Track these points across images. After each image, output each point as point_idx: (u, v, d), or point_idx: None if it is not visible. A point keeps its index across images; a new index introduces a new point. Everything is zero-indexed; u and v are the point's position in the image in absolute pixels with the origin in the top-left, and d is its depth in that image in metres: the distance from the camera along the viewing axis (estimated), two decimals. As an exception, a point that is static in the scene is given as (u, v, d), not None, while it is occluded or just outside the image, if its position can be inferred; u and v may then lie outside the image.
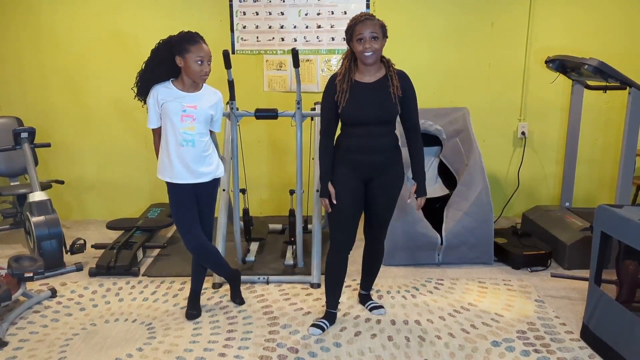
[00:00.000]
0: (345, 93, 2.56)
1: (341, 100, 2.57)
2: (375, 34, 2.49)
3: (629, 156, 3.46)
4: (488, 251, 3.70)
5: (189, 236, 2.81)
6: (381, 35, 2.52)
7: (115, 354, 2.64)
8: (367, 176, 2.68)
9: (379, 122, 2.58)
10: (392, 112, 2.58)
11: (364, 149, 2.61)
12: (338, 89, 2.58)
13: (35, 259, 3.19)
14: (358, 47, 2.51)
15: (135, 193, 4.76)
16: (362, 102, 2.57)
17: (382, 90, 2.58)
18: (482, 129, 4.61)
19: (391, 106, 2.57)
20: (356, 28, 2.50)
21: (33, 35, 4.44)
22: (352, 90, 2.57)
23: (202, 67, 2.62)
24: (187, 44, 2.59)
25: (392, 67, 2.62)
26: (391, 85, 2.58)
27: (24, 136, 3.85)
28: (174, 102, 2.66)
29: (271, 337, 2.79)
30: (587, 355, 2.62)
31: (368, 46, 2.48)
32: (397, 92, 2.58)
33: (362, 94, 2.57)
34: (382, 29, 2.54)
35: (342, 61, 2.65)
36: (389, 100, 2.57)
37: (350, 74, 2.59)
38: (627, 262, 2.65)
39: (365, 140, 2.60)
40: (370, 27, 2.48)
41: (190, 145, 2.70)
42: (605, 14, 4.40)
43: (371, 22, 2.50)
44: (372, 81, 2.60)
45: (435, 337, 2.79)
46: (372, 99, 2.57)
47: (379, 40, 2.51)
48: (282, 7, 4.41)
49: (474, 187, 3.69)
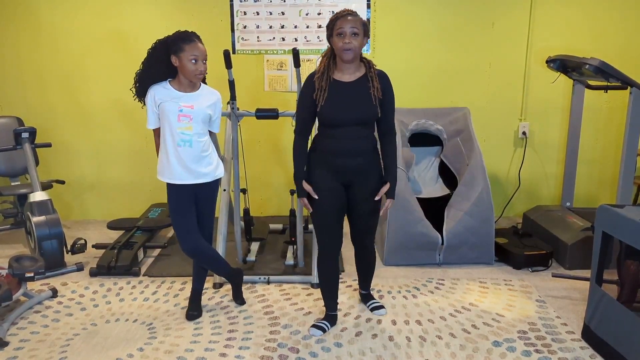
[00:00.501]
0: (324, 91, 2.50)
1: (320, 98, 2.50)
2: (356, 30, 2.42)
3: (630, 156, 3.45)
4: (489, 251, 3.70)
5: (185, 238, 2.79)
6: (362, 33, 2.45)
7: (116, 354, 2.64)
8: (347, 179, 2.61)
9: (357, 123, 2.51)
10: (371, 113, 2.52)
11: (342, 150, 2.54)
12: (317, 86, 2.51)
13: (36, 259, 3.18)
14: (338, 43, 2.44)
15: (136, 193, 4.76)
16: (341, 102, 2.50)
17: (362, 90, 2.51)
18: (483, 128, 4.60)
19: (371, 107, 2.51)
20: (337, 23, 2.44)
21: (33, 35, 4.44)
22: (331, 89, 2.51)
23: (197, 66, 2.60)
24: (181, 43, 2.58)
25: (372, 67, 2.55)
26: (371, 86, 2.51)
27: (24, 136, 3.85)
28: (170, 102, 2.66)
29: (272, 337, 2.79)
30: (588, 356, 2.62)
31: (347, 41, 2.41)
32: (378, 93, 2.51)
33: (341, 93, 2.51)
34: (363, 26, 2.46)
35: (321, 59, 2.58)
36: (368, 102, 2.51)
37: (329, 71, 2.52)
38: (628, 262, 2.65)
39: (343, 141, 2.53)
40: (351, 23, 2.42)
41: (187, 146, 2.69)
42: (606, 14, 4.40)
43: (353, 17, 2.44)
44: (351, 80, 2.53)
45: (436, 337, 2.79)
46: (351, 99, 2.50)
47: (359, 38, 2.44)
48: (282, 7, 4.41)
49: (475, 187, 3.69)
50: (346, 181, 2.62)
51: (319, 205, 2.63)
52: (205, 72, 2.65)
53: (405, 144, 4.02)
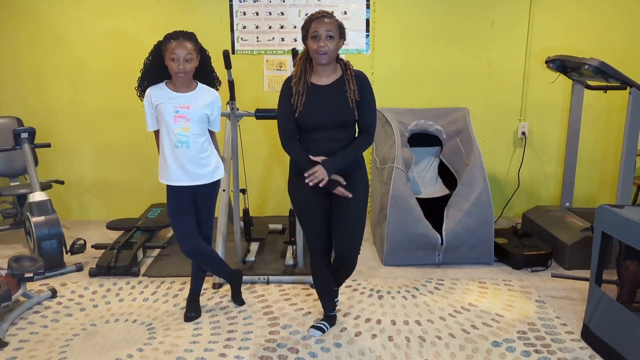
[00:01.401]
0: (302, 96, 2.45)
1: (298, 103, 2.45)
2: (331, 33, 2.36)
3: (630, 156, 3.46)
4: (488, 251, 3.70)
5: (184, 240, 2.79)
6: (337, 36, 2.39)
7: (116, 355, 2.64)
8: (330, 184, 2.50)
9: (336, 126, 2.47)
10: (349, 116, 2.46)
11: (323, 154, 2.47)
12: (294, 91, 2.46)
13: (36, 259, 3.18)
14: (312, 46, 2.38)
15: (135, 193, 4.76)
16: (319, 105, 2.45)
17: (338, 93, 2.46)
18: (483, 129, 4.61)
19: (348, 110, 2.45)
20: (312, 25, 2.38)
21: (32, 35, 4.44)
22: (309, 92, 2.46)
23: (177, 65, 2.55)
24: (167, 43, 2.57)
25: (349, 69, 2.49)
26: (348, 89, 2.45)
27: (24, 136, 3.85)
28: (167, 104, 2.64)
29: (271, 338, 2.79)
30: (587, 356, 2.62)
31: (322, 44, 2.36)
32: (354, 96, 2.45)
33: (319, 96, 2.46)
34: (339, 29, 2.41)
35: (296, 62, 2.52)
36: (345, 104, 2.45)
37: (305, 75, 2.47)
38: (627, 262, 2.65)
39: (324, 145, 2.48)
40: (326, 25, 2.36)
41: (185, 147, 2.67)
42: (606, 14, 4.40)
43: (328, 19, 2.38)
44: (328, 83, 2.48)
45: (435, 337, 2.79)
46: (328, 102, 2.45)
47: (334, 40, 2.38)
48: (282, 7, 4.41)
49: (474, 187, 3.69)
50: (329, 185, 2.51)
51: (303, 210, 2.60)
52: (186, 71, 2.57)
53: (404, 144, 4.02)
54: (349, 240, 2.59)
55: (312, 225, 2.62)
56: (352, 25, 4.42)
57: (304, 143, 2.53)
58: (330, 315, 2.89)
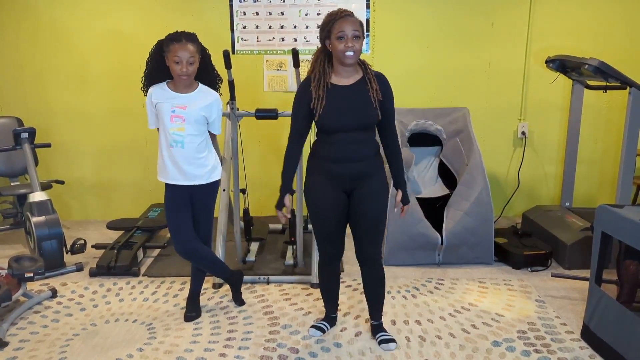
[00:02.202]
0: (322, 100, 2.37)
1: (318, 107, 2.38)
2: (357, 33, 2.31)
3: (630, 156, 3.46)
4: (488, 251, 3.70)
5: (178, 240, 2.79)
6: (362, 35, 2.35)
7: (116, 354, 2.64)
8: (349, 186, 2.50)
9: (358, 128, 2.40)
10: (372, 117, 2.41)
11: (343, 157, 2.43)
12: (314, 95, 2.39)
13: (36, 259, 3.18)
14: (338, 46, 2.31)
15: (135, 193, 4.76)
16: (340, 107, 2.38)
17: (361, 93, 2.40)
18: (482, 128, 4.61)
19: (372, 111, 2.40)
20: (336, 25, 2.31)
21: (33, 35, 4.44)
22: (329, 94, 2.39)
23: (180, 67, 2.56)
24: (169, 44, 2.57)
25: (369, 68, 2.45)
26: (370, 89, 2.40)
27: (24, 136, 3.85)
28: (165, 103, 2.66)
29: (272, 337, 2.79)
30: (587, 356, 2.62)
31: (350, 45, 2.30)
32: (378, 95, 2.40)
33: (340, 98, 2.39)
34: (362, 27, 2.36)
35: (312, 63, 2.44)
36: (369, 105, 2.39)
37: (325, 77, 2.40)
38: (627, 262, 2.65)
39: (344, 148, 2.42)
40: (352, 25, 2.31)
41: (179, 146, 2.67)
42: (606, 14, 4.40)
43: (352, 19, 2.33)
44: (349, 84, 2.41)
45: (435, 337, 2.79)
46: (350, 104, 2.39)
47: (360, 40, 2.33)
48: (282, 7, 4.41)
49: (474, 187, 3.69)
50: (347, 188, 2.51)
51: (319, 213, 2.53)
52: (189, 74, 2.59)
53: (404, 144, 4.02)
54: (369, 242, 2.55)
55: (328, 229, 2.55)
56: (352, 25, 4.42)
57: (323, 146, 2.47)
58: (332, 317, 2.88)
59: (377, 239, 2.57)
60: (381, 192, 2.52)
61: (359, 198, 2.49)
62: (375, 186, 2.50)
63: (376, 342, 2.72)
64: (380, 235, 2.57)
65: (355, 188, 2.50)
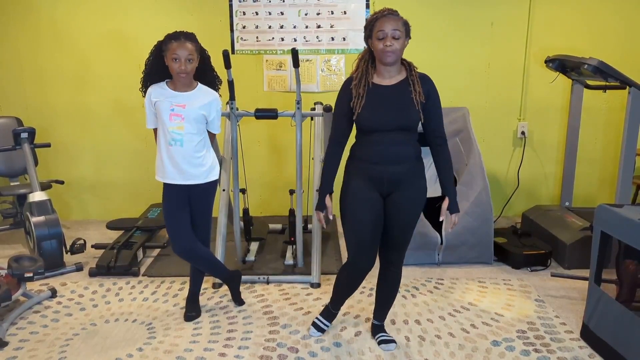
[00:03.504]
0: (362, 99, 2.33)
1: (357, 106, 2.34)
2: (397, 32, 2.25)
3: (629, 155, 3.46)
4: (488, 251, 3.70)
5: (176, 239, 2.79)
6: (404, 34, 2.29)
7: (116, 354, 2.64)
8: (386, 190, 2.41)
9: (399, 129, 2.34)
10: (413, 118, 2.34)
11: (383, 158, 2.36)
12: (354, 94, 2.35)
13: (35, 259, 3.19)
14: (378, 45, 2.27)
15: (135, 193, 4.76)
16: (381, 106, 2.33)
17: (403, 94, 2.35)
18: (482, 128, 4.61)
19: (413, 112, 2.33)
20: (377, 23, 2.27)
21: (33, 35, 4.44)
22: (370, 93, 2.35)
23: (178, 65, 2.57)
24: (168, 42, 2.59)
25: (414, 70, 2.39)
26: (413, 90, 2.34)
27: (23, 136, 3.86)
28: (164, 101, 2.67)
29: (271, 337, 2.79)
30: (587, 355, 2.62)
31: (389, 44, 2.25)
32: (420, 97, 2.34)
33: (381, 97, 2.34)
34: (405, 26, 2.30)
35: (357, 62, 2.41)
36: (411, 106, 2.33)
37: (367, 77, 2.36)
38: (627, 261, 2.65)
39: (384, 148, 2.35)
40: (393, 24, 2.25)
41: (178, 145, 2.68)
42: (605, 14, 4.40)
43: (394, 17, 2.27)
44: (392, 84, 2.36)
45: (435, 336, 2.79)
46: (391, 103, 2.33)
47: (401, 40, 2.27)
48: (281, 7, 4.41)
49: (474, 187, 3.69)
50: (385, 191, 2.42)
51: (355, 216, 2.42)
52: (187, 72, 2.60)
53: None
54: (397, 246, 2.50)
55: (363, 236, 2.43)
56: (352, 25, 4.42)
57: (362, 146, 2.41)
58: (333, 313, 2.84)
59: (405, 245, 2.53)
60: (418, 200, 2.45)
61: (395, 203, 2.43)
62: (412, 193, 2.43)
63: (376, 342, 2.72)
64: (408, 241, 2.52)
65: (393, 192, 2.43)
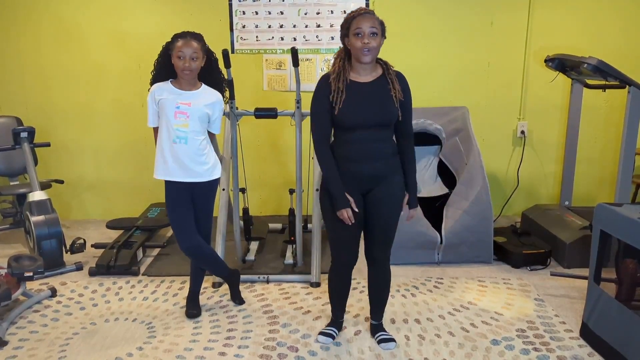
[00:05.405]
0: (342, 92, 2.34)
1: (337, 100, 2.34)
2: (374, 30, 2.30)
3: (629, 155, 3.46)
4: (487, 250, 3.70)
5: (182, 236, 2.80)
6: (380, 33, 2.34)
7: (116, 353, 2.64)
8: (365, 187, 2.45)
9: (377, 125, 2.37)
10: (393, 115, 2.38)
11: (360, 156, 2.39)
12: (333, 87, 2.36)
13: (35, 259, 3.18)
14: (355, 43, 2.31)
15: (135, 193, 4.76)
16: (361, 103, 2.35)
17: (381, 90, 2.38)
18: (482, 127, 4.61)
19: (392, 108, 2.37)
20: (354, 22, 2.31)
21: (34, 34, 4.44)
22: (348, 90, 2.36)
23: (183, 62, 2.60)
24: (174, 41, 2.64)
25: (390, 68, 2.43)
26: (392, 88, 2.38)
27: (23, 136, 3.86)
28: (169, 99, 2.69)
29: (271, 336, 2.80)
30: (586, 354, 2.62)
31: (366, 41, 2.28)
32: (399, 95, 2.38)
33: (360, 94, 2.37)
34: (381, 26, 2.36)
35: (334, 61, 2.43)
36: (390, 102, 2.37)
37: (344, 73, 2.38)
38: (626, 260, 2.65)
39: (364, 145, 2.38)
40: (370, 22, 2.30)
41: (183, 143, 2.70)
42: (605, 14, 4.40)
43: (371, 16, 2.33)
44: (369, 81, 2.40)
45: (435, 335, 2.79)
46: (371, 100, 2.36)
47: (377, 38, 2.32)
48: (281, 7, 4.41)
49: (474, 186, 3.69)
50: (364, 188, 2.45)
51: (335, 215, 2.43)
52: (191, 69, 2.63)
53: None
54: (380, 243, 2.53)
55: (343, 234, 2.48)
56: (351, 25, 4.42)
57: (340, 144, 2.42)
58: (339, 322, 2.82)
59: (389, 241, 2.55)
60: (397, 195, 2.48)
61: (375, 199, 2.46)
62: (392, 188, 2.46)
63: (375, 341, 2.72)
64: (392, 237, 2.55)
65: (372, 189, 2.46)
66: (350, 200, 2.42)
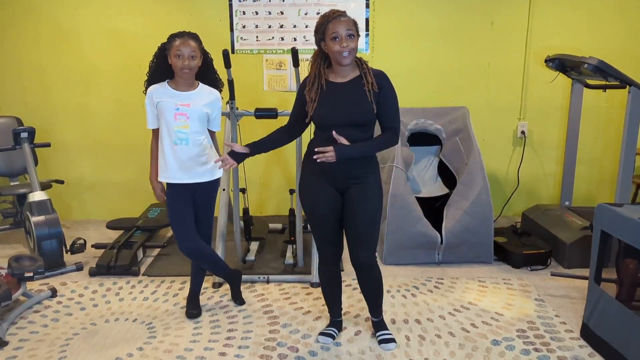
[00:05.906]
0: (314, 102, 2.40)
1: (310, 109, 2.42)
2: (351, 32, 2.32)
3: (629, 155, 3.46)
4: (488, 250, 3.70)
5: (182, 238, 2.79)
6: (356, 33, 2.36)
7: (116, 354, 2.64)
8: (341, 185, 2.48)
9: (354, 124, 2.38)
10: (367, 112, 2.38)
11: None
12: (307, 99, 2.42)
13: (36, 259, 3.19)
14: (334, 47, 2.32)
15: (135, 193, 4.76)
16: (336, 103, 2.39)
17: (357, 89, 2.39)
18: (482, 128, 4.61)
19: (367, 105, 2.37)
20: (329, 26, 2.33)
21: (33, 34, 4.44)
22: (325, 91, 2.40)
23: (182, 61, 2.60)
24: (171, 41, 2.63)
25: (365, 64, 2.43)
26: (365, 81, 2.38)
27: (23, 136, 3.86)
28: (168, 101, 2.68)
29: (271, 337, 2.79)
30: (587, 354, 2.62)
31: (345, 45, 2.31)
32: (373, 87, 2.38)
33: (336, 94, 2.40)
34: (355, 25, 2.37)
35: (310, 66, 2.47)
36: (364, 100, 2.37)
37: (320, 79, 2.42)
38: (627, 260, 2.65)
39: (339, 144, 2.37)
40: (345, 25, 2.32)
41: (184, 144, 2.69)
42: (605, 13, 4.40)
43: (345, 19, 2.34)
44: (345, 81, 2.42)
45: (435, 336, 2.79)
46: (346, 100, 2.38)
47: (355, 39, 2.34)
48: (281, 7, 4.41)
49: (474, 186, 3.69)
50: (340, 187, 2.49)
51: (313, 212, 2.52)
52: (190, 68, 2.63)
53: (404, 143, 4.02)
54: (362, 245, 2.50)
55: (323, 229, 2.55)
56: (351, 25, 4.42)
57: (318, 143, 2.43)
58: (337, 321, 2.83)
59: (371, 242, 2.51)
60: (374, 194, 2.48)
61: (352, 198, 2.47)
62: (368, 188, 2.47)
63: (376, 341, 2.72)
64: (373, 238, 2.52)
65: (349, 188, 2.48)
66: (234, 148, 2.52)
